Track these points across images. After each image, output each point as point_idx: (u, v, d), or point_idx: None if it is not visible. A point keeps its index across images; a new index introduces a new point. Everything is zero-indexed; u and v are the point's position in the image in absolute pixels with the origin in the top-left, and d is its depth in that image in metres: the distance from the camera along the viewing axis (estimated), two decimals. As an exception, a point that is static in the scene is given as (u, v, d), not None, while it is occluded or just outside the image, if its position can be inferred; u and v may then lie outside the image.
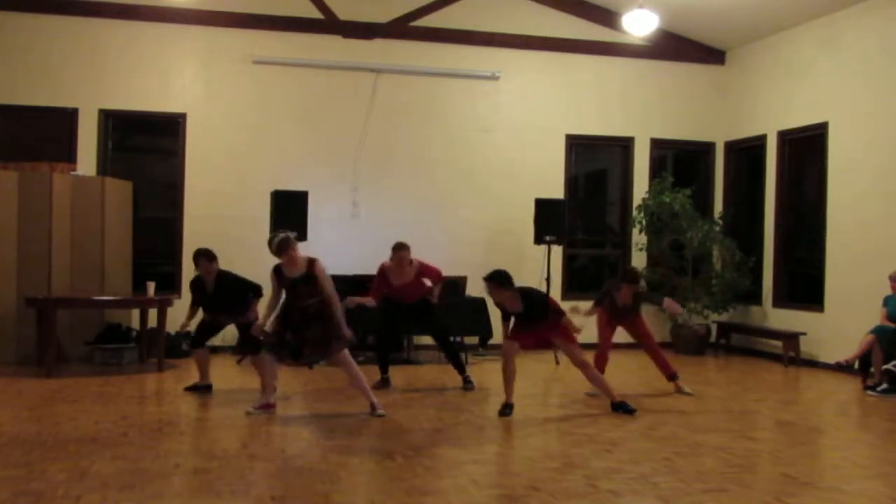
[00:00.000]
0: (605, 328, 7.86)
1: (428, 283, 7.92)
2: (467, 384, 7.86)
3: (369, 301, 7.76)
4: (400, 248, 7.76)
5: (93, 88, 9.91)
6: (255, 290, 7.54)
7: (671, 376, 7.82)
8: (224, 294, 7.44)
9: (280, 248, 6.48)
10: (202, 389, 7.44)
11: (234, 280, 7.52)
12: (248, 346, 7.50)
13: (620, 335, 8.01)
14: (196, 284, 7.56)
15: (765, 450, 5.84)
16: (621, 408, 6.77)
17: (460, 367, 7.98)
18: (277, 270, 6.54)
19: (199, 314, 7.65)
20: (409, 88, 10.76)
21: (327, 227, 10.07)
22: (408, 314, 7.97)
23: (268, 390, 6.62)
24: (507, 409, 6.66)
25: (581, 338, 6.90)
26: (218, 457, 5.19)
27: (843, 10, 9.59)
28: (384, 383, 7.91)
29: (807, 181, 10.57)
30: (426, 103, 10.82)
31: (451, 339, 8.33)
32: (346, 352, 6.54)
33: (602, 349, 7.84)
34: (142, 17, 9.98)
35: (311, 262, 6.52)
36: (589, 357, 7.03)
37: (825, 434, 6.48)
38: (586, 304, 7.77)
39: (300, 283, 6.47)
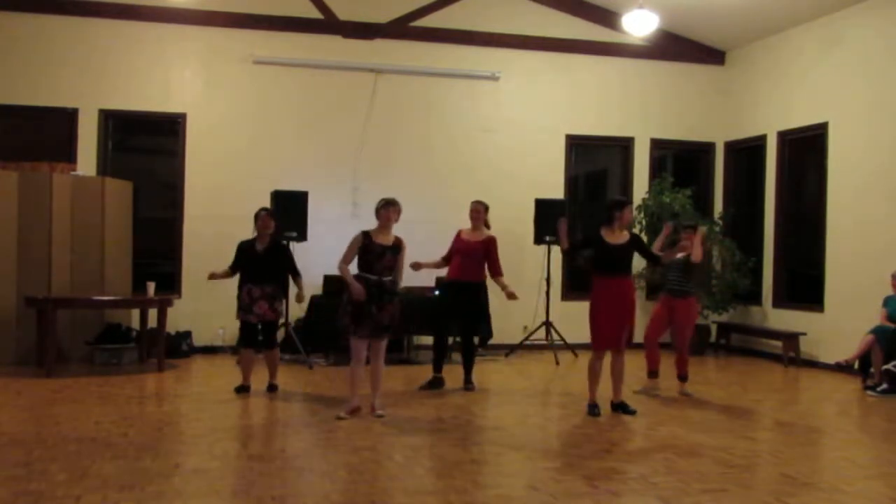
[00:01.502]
0: (659, 314, 7.74)
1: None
2: (468, 385, 7.86)
3: (437, 264, 7.88)
4: (476, 202, 8.01)
5: (93, 88, 9.91)
6: (294, 271, 7.55)
7: (683, 376, 7.81)
8: (273, 259, 7.38)
9: (385, 204, 6.47)
10: (245, 390, 7.40)
11: (285, 249, 7.60)
12: (266, 342, 7.45)
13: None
14: (245, 246, 7.45)
15: (765, 450, 5.84)
16: (621, 408, 6.77)
17: (470, 368, 7.95)
18: (366, 234, 6.47)
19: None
20: (409, 88, 10.76)
21: (327, 227, 10.05)
22: (461, 299, 7.79)
23: (354, 392, 6.49)
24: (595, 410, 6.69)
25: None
26: (218, 457, 5.19)
27: (843, 10, 9.58)
28: (437, 383, 7.84)
29: (807, 181, 10.57)
30: (426, 103, 10.82)
31: (475, 339, 8.29)
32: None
33: (650, 343, 7.73)
34: (142, 17, 9.98)
35: (398, 238, 6.57)
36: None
37: (825, 434, 6.49)
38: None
39: (390, 252, 6.46)
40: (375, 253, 6.42)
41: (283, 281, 7.51)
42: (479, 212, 7.98)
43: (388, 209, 6.50)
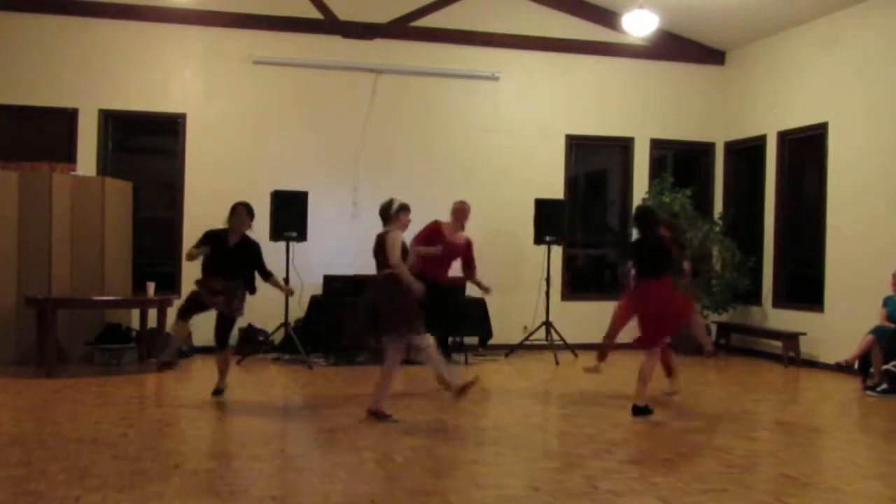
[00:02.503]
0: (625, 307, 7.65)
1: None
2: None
3: (436, 250, 7.74)
4: (464, 202, 8.12)
5: (93, 88, 9.90)
6: (263, 271, 7.19)
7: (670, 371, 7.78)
8: (242, 256, 7.06)
9: (404, 208, 6.39)
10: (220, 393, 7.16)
11: (256, 247, 7.18)
12: (218, 341, 7.08)
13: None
14: (215, 236, 7.06)
15: (765, 450, 5.84)
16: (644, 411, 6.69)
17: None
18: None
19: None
20: (409, 88, 10.76)
21: (327, 227, 10.06)
22: (436, 296, 7.48)
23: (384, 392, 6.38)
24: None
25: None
26: (218, 457, 5.19)
27: (843, 10, 9.58)
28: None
29: (806, 181, 10.57)
30: (426, 103, 10.81)
31: (449, 340, 8.24)
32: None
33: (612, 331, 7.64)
34: (142, 17, 9.98)
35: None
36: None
37: (825, 434, 6.49)
38: None
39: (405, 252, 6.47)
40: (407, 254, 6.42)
41: (250, 279, 7.16)
42: (467, 212, 7.97)
43: (407, 214, 6.44)
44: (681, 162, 11.98)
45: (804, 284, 10.29)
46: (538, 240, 10.17)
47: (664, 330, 6.86)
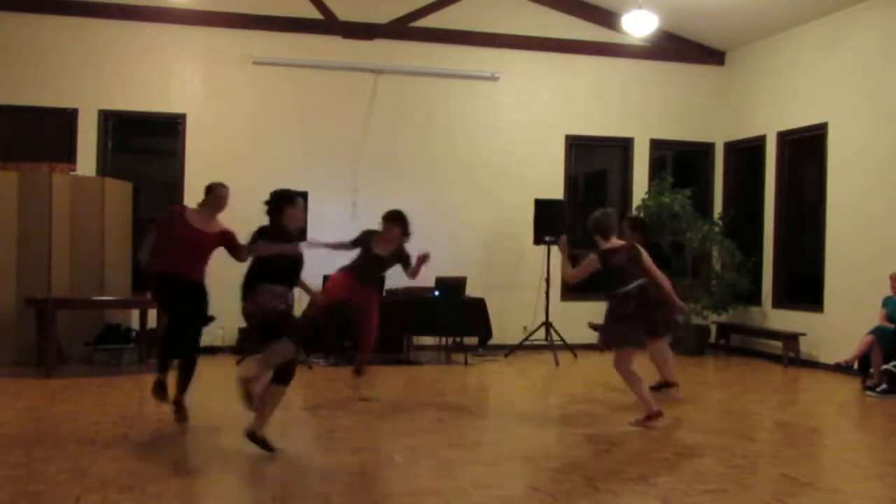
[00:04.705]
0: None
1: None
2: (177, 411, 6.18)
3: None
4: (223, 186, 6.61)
5: (93, 89, 9.90)
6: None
7: (359, 371, 7.40)
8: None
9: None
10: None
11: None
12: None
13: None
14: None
15: (765, 450, 5.84)
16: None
17: (183, 386, 6.23)
18: (603, 254, 6.38)
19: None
20: (409, 89, 10.76)
21: (327, 227, 10.04)
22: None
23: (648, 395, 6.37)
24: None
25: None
26: (218, 457, 5.19)
27: (843, 10, 9.59)
28: (160, 390, 6.23)
29: (806, 182, 10.57)
30: (426, 104, 10.81)
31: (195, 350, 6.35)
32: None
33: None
34: (142, 17, 9.98)
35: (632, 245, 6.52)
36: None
37: (825, 435, 6.49)
38: None
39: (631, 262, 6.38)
40: (619, 268, 6.31)
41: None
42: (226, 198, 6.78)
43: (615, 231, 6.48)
44: (681, 162, 11.98)
45: (804, 285, 10.29)
46: (538, 240, 10.17)
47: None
